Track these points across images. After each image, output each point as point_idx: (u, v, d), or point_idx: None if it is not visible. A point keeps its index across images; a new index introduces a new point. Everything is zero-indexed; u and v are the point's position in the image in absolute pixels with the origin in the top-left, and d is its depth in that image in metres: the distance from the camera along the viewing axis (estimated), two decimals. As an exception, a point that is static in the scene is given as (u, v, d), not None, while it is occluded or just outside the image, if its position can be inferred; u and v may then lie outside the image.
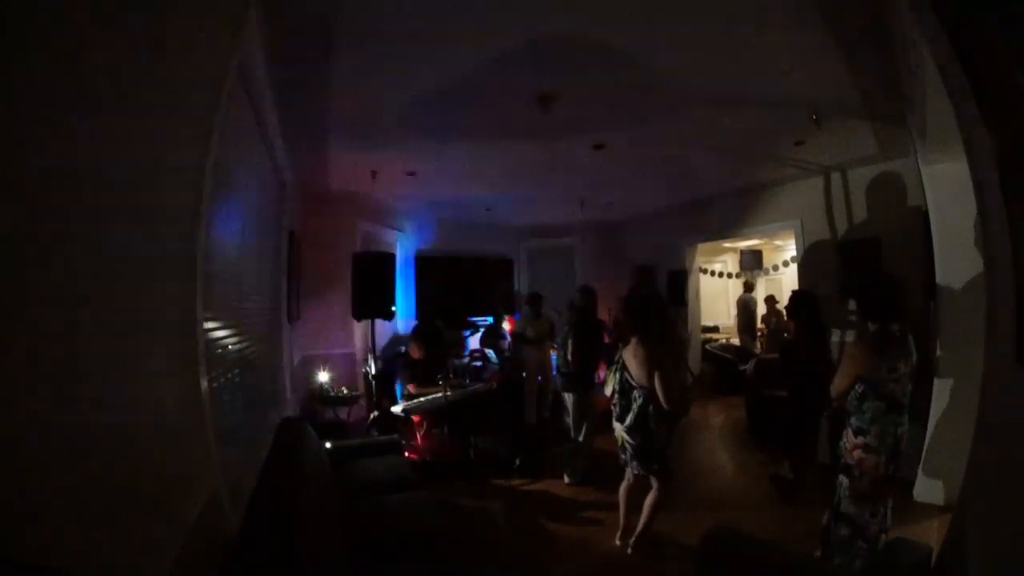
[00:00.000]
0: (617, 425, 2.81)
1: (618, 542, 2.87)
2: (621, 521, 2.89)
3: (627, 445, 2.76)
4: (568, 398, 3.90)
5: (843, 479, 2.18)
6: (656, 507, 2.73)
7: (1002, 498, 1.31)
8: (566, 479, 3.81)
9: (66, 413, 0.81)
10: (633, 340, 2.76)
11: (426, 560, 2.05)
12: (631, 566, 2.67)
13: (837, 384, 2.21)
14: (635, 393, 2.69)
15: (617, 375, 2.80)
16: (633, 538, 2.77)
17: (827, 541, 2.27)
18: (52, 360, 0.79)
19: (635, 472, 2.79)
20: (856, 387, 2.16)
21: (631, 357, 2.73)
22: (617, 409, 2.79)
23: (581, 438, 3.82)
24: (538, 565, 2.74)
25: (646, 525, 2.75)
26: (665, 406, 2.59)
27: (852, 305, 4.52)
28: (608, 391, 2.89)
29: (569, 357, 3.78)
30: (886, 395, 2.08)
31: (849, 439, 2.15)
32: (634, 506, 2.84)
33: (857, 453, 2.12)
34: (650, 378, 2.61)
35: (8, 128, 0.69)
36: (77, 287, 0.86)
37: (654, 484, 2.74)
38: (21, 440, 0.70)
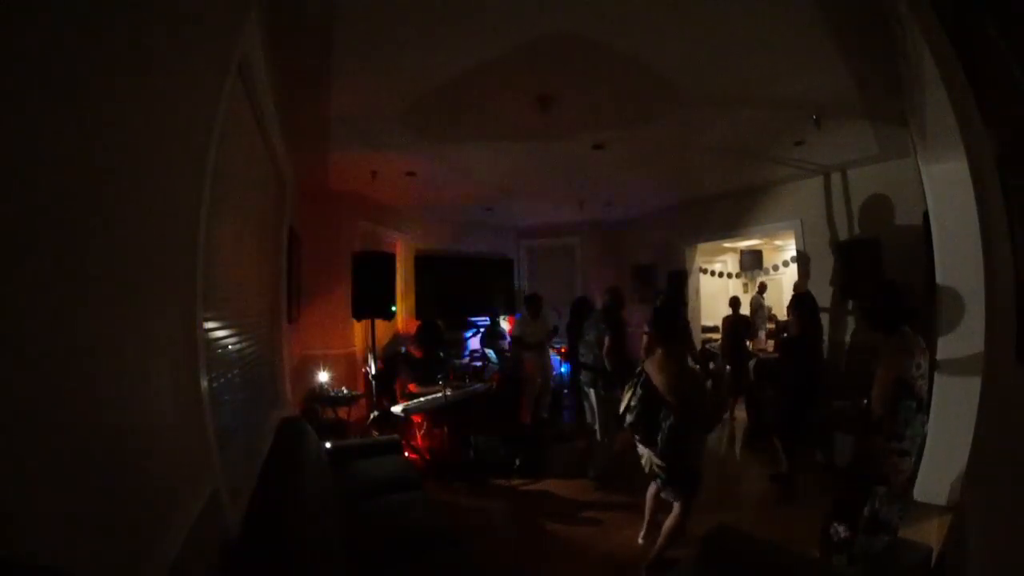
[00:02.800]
0: (645, 449, 2.58)
1: (640, 540, 2.85)
2: (646, 519, 2.84)
3: (658, 468, 2.53)
4: (592, 395, 3.89)
5: (880, 489, 2.09)
6: (674, 533, 2.51)
7: (1002, 498, 1.31)
8: (591, 475, 3.81)
9: (66, 413, 0.81)
10: (660, 352, 2.54)
11: (426, 560, 2.05)
12: (631, 566, 2.67)
13: (880, 393, 2.10)
14: (663, 412, 2.45)
15: (639, 390, 2.55)
16: (647, 563, 2.56)
17: (831, 545, 2.23)
18: (52, 360, 0.79)
19: (670, 499, 2.58)
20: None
21: (657, 371, 2.49)
22: (642, 429, 2.53)
23: (605, 436, 3.84)
24: (538, 565, 2.75)
25: (661, 549, 2.53)
26: (699, 421, 2.42)
27: (855, 308, 4.53)
28: (622, 407, 2.65)
29: (604, 354, 3.75)
30: (915, 394, 2.06)
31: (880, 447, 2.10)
32: (660, 508, 2.76)
33: (892, 459, 2.07)
34: (680, 393, 2.41)
35: (7, 128, 0.69)
36: (76, 287, 0.86)
37: (676, 507, 2.55)
38: (21, 440, 0.70)
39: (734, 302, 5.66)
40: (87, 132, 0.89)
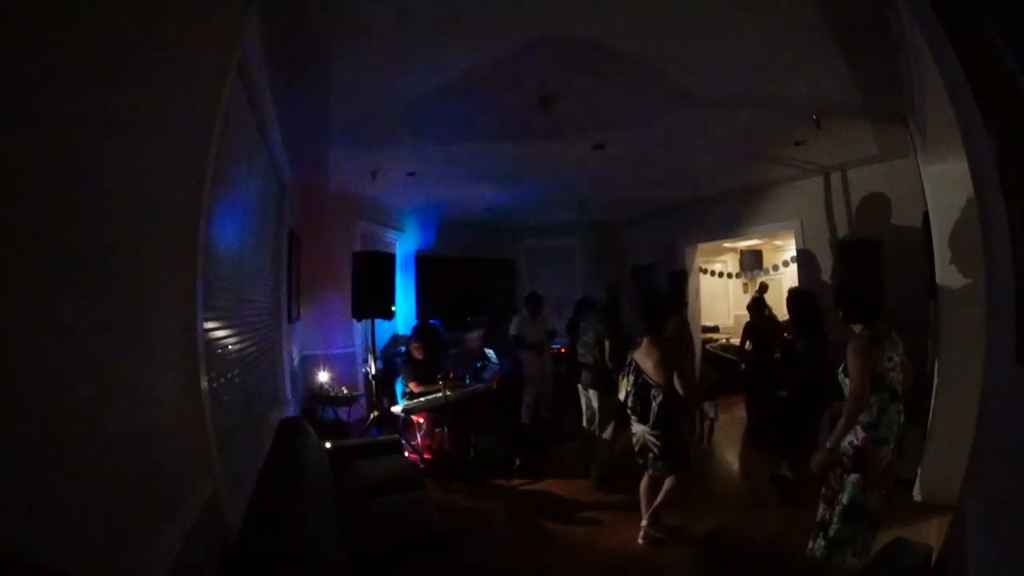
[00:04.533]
0: (639, 426, 2.83)
1: (640, 540, 2.87)
2: (643, 517, 2.90)
3: (651, 445, 2.78)
4: (592, 396, 3.90)
5: (854, 476, 2.18)
6: (671, 490, 2.79)
7: (1002, 498, 1.31)
8: (592, 475, 3.81)
9: (66, 413, 0.81)
10: (645, 340, 2.80)
11: (426, 560, 2.05)
12: (631, 566, 2.67)
13: (856, 388, 2.18)
14: (654, 391, 2.73)
15: (632, 377, 2.82)
16: (645, 518, 2.84)
17: (825, 534, 2.28)
18: (52, 360, 0.79)
19: (658, 473, 2.82)
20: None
21: (644, 358, 2.77)
22: (638, 410, 2.81)
23: (608, 435, 3.84)
24: (538, 565, 2.74)
25: (659, 505, 2.82)
26: (683, 394, 2.71)
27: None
28: (622, 394, 2.91)
29: (607, 357, 3.78)
30: (888, 385, 2.16)
31: (858, 436, 2.17)
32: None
33: (870, 448, 2.15)
34: (668, 377, 2.68)
35: (8, 128, 0.69)
36: (77, 287, 0.86)
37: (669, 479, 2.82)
38: (21, 440, 0.70)
39: (758, 304, 5.05)
40: (87, 132, 0.89)
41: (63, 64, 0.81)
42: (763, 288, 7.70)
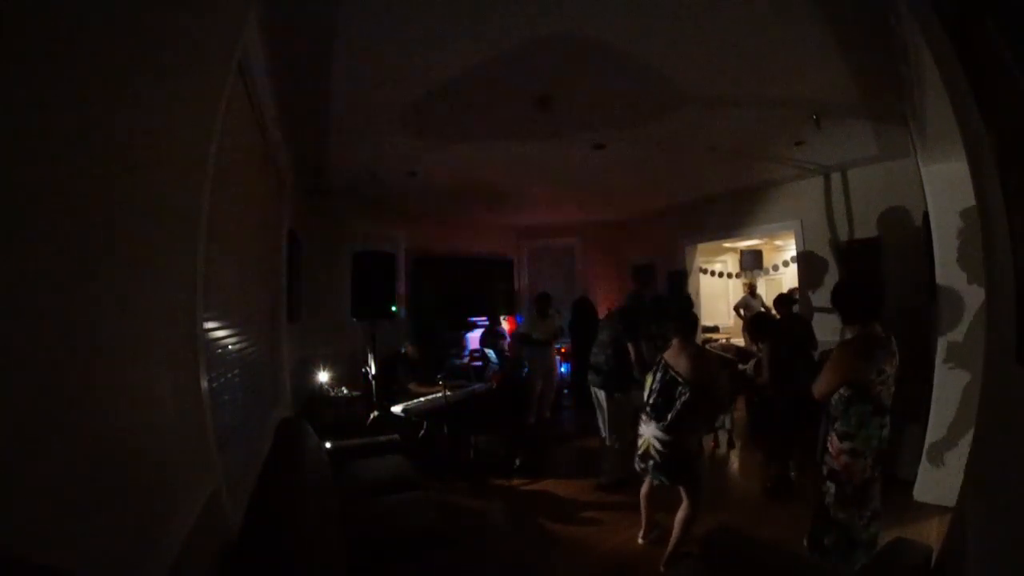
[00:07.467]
0: (648, 427, 2.69)
1: (640, 540, 2.87)
2: (644, 520, 2.88)
3: (654, 451, 2.64)
4: (602, 397, 3.81)
5: (830, 485, 2.12)
6: (687, 522, 2.60)
7: (1002, 498, 1.31)
8: (602, 480, 3.72)
9: (66, 413, 0.81)
10: (676, 342, 2.73)
11: (426, 560, 2.05)
12: (631, 566, 2.67)
13: (821, 388, 2.15)
14: (680, 388, 2.57)
15: (659, 374, 2.70)
16: (664, 560, 2.63)
17: (816, 546, 2.22)
18: (52, 360, 0.79)
19: (659, 482, 2.69)
20: (841, 391, 2.10)
21: (676, 357, 2.66)
22: (658, 406, 2.65)
23: (617, 445, 3.74)
24: (538, 565, 2.74)
25: (677, 543, 2.62)
26: (713, 400, 2.61)
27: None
28: (646, 393, 2.78)
29: (633, 363, 3.59)
30: (872, 398, 2.04)
31: (834, 445, 2.10)
32: (656, 507, 2.83)
33: (843, 459, 2.07)
34: (701, 375, 2.57)
35: (8, 128, 0.69)
36: (77, 286, 0.86)
37: (685, 497, 2.63)
38: (21, 440, 0.70)
39: (784, 300, 4.54)
40: (86, 132, 0.89)
41: (63, 63, 0.81)
42: (752, 289, 7.71)
